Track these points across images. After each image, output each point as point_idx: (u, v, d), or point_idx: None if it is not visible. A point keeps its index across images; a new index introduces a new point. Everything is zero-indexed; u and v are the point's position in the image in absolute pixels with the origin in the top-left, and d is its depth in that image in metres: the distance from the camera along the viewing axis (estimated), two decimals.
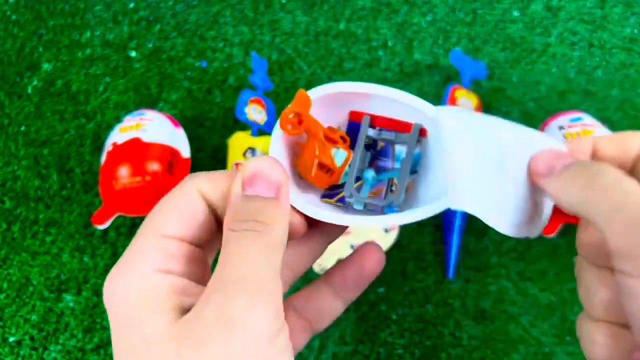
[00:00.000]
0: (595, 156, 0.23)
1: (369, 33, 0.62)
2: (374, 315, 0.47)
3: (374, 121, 0.29)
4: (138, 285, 0.21)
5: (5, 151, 0.58)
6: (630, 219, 0.18)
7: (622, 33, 0.60)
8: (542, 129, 0.51)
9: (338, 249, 0.46)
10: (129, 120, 0.52)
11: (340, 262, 0.28)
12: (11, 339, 0.49)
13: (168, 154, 0.50)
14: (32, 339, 0.49)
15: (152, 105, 0.59)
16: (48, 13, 0.67)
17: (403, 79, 0.59)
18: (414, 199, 0.28)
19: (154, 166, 0.49)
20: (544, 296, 0.47)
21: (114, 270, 0.22)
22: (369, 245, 0.27)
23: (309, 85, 0.59)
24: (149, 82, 0.61)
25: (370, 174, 0.29)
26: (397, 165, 0.29)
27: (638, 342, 0.19)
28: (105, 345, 0.48)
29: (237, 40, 0.63)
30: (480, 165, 0.26)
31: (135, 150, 0.49)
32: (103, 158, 0.51)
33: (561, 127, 0.49)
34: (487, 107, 0.57)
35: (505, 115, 0.56)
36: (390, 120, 0.29)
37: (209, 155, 0.56)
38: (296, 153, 0.29)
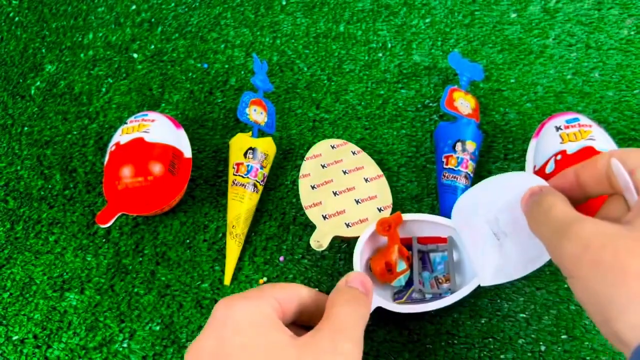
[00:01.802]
0: (578, 181, 0.34)
1: (368, 35, 0.63)
2: (372, 313, 0.48)
3: (419, 240, 0.48)
4: (261, 310, 0.29)
5: (9, 151, 0.59)
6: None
7: (618, 35, 0.60)
8: (539, 130, 0.51)
9: (334, 227, 0.47)
10: (132, 122, 0.53)
11: None
12: (15, 338, 0.50)
13: (170, 154, 0.51)
14: (35, 337, 0.50)
15: (154, 106, 0.60)
16: (51, 15, 0.67)
17: (402, 81, 0.60)
18: (455, 283, 0.45)
19: (156, 166, 0.49)
20: (540, 295, 0.48)
21: (231, 297, 0.30)
22: None
23: (309, 87, 0.60)
24: (151, 83, 0.62)
25: (427, 274, 0.47)
26: (435, 267, 0.47)
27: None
28: (107, 343, 0.49)
29: (238, 42, 0.64)
30: (482, 246, 0.42)
31: (138, 150, 0.50)
32: (106, 158, 0.52)
33: (558, 128, 0.50)
34: (484, 108, 0.57)
35: (503, 116, 0.57)
36: (427, 237, 0.47)
37: (210, 156, 0.57)
38: (372, 249, 0.47)
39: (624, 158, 0.31)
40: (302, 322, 0.34)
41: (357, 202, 0.49)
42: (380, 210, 0.48)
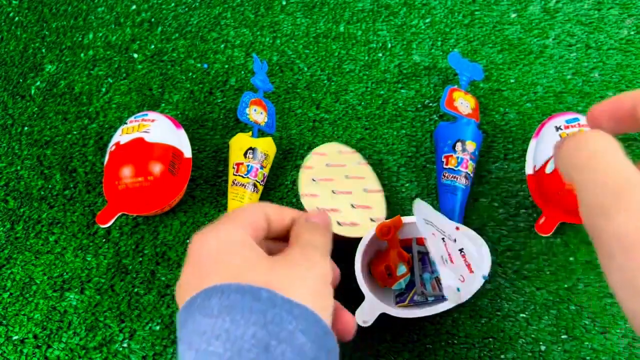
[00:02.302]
0: (636, 114, 0.26)
1: (368, 35, 0.63)
2: None
3: (418, 241, 0.48)
4: (233, 235, 0.30)
5: (9, 151, 0.59)
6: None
7: (618, 35, 0.60)
8: (539, 130, 0.51)
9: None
10: (132, 122, 0.53)
11: None
12: (15, 338, 0.50)
13: (170, 154, 0.51)
14: (35, 337, 0.50)
15: (154, 106, 0.60)
16: (51, 15, 0.67)
17: (402, 81, 0.60)
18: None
19: (156, 166, 0.49)
20: (540, 294, 0.48)
21: (202, 231, 0.30)
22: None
23: (309, 87, 0.60)
24: (151, 83, 0.62)
25: (427, 275, 0.47)
26: (435, 267, 0.45)
27: None
28: (108, 343, 0.49)
29: (238, 42, 0.64)
30: (439, 259, 0.41)
31: (138, 150, 0.50)
32: (106, 158, 0.52)
33: (558, 128, 0.50)
34: (484, 108, 0.57)
35: (503, 116, 0.57)
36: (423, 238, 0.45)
37: (211, 156, 0.57)
38: (370, 254, 0.48)
39: None
40: (275, 236, 0.35)
41: (353, 206, 0.49)
42: (372, 220, 0.48)
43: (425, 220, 0.41)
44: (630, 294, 0.20)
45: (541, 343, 0.46)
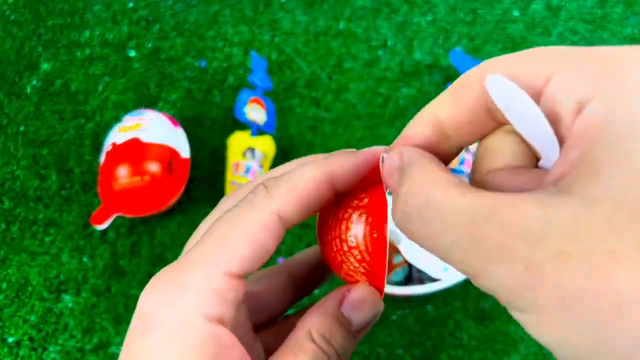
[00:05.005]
0: (440, 127, 0.18)
1: (369, 33, 0.62)
2: None
3: None
4: (183, 313, 0.16)
5: (5, 151, 0.58)
6: None
7: (622, 33, 0.59)
8: None
9: None
10: (128, 120, 0.52)
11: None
12: (10, 340, 0.49)
13: (167, 154, 0.50)
14: (31, 339, 0.49)
15: (151, 105, 0.59)
16: (47, 13, 0.67)
17: (403, 79, 0.59)
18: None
19: (153, 166, 0.49)
20: None
21: (160, 277, 0.17)
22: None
23: (308, 85, 0.59)
24: (148, 81, 0.61)
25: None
26: None
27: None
28: (104, 345, 0.48)
29: (237, 40, 0.63)
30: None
31: (135, 150, 0.49)
32: (102, 158, 0.51)
33: None
34: None
35: None
36: None
37: (209, 155, 0.56)
38: None
39: (516, 71, 0.15)
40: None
41: None
42: None
43: None
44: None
45: None
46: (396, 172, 0.17)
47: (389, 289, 0.43)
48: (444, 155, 0.18)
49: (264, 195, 0.18)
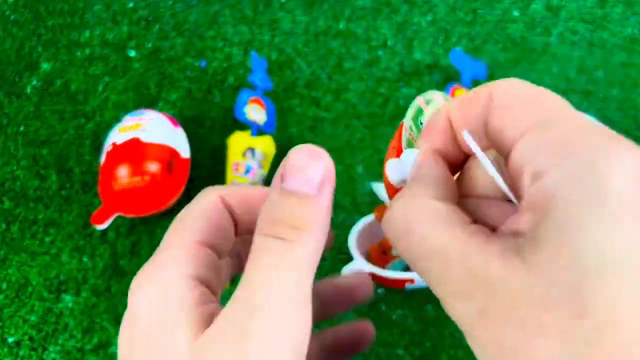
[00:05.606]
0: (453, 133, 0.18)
1: (369, 33, 0.62)
2: (374, 315, 0.47)
3: None
4: (165, 294, 0.18)
5: (5, 151, 0.58)
6: None
7: (622, 33, 0.59)
8: None
9: None
10: (128, 120, 0.52)
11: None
12: (10, 340, 0.49)
13: (167, 154, 0.50)
14: (31, 339, 0.49)
15: (151, 105, 0.59)
16: (47, 13, 0.67)
17: (403, 79, 0.59)
18: None
19: (153, 166, 0.49)
20: None
21: (141, 275, 0.19)
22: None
23: (308, 85, 0.59)
24: (148, 81, 0.61)
25: None
26: None
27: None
28: (104, 346, 0.48)
29: (237, 40, 0.63)
30: None
31: (135, 150, 0.49)
32: (102, 158, 0.51)
33: None
34: None
35: None
36: None
37: (209, 155, 0.56)
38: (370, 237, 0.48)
39: (496, 122, 0.16)
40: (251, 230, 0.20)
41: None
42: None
43: None
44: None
45: None
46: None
47: (390, 274, 0.44)
48: (455, 159, 0.19)
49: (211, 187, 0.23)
